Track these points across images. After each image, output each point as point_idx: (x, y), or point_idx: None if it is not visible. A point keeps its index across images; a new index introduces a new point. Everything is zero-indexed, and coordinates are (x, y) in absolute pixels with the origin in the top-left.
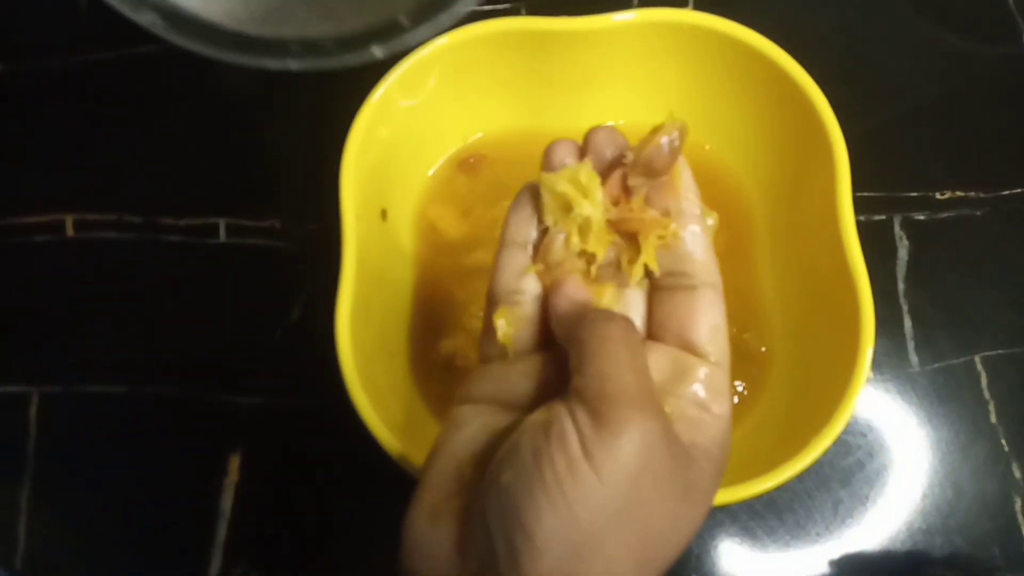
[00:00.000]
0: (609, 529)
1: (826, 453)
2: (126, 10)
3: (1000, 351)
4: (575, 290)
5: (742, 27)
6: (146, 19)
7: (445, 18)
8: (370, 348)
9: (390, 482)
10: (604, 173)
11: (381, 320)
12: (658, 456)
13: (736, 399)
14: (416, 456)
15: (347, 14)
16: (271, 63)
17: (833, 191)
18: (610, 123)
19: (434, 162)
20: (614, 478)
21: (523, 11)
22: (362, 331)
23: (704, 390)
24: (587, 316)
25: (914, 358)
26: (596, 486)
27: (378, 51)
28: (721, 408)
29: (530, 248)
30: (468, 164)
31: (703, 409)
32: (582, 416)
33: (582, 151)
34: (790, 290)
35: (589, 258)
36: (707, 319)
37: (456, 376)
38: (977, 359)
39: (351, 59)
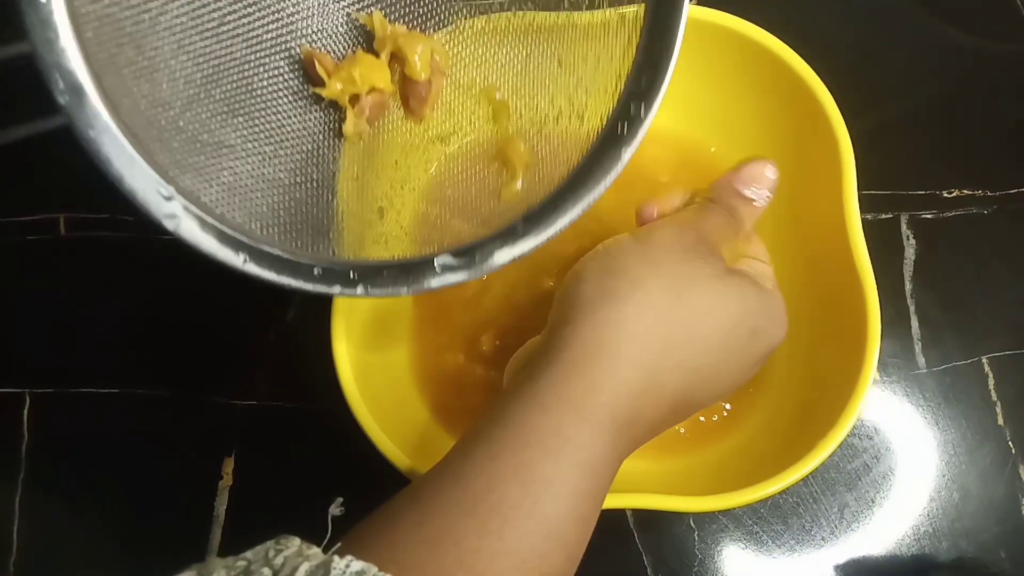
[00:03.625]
0: (638, 264)
1: (832, 456)
2: (154, 208)
3: (1008, 352)
4: None
5: (747, 23)
6: (171, 224)
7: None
8: (366, 349)
9: (387, 484)
10: None
11: (377, 321)
12: (686, 236)
13: (734, 407)
14: (413, 457)
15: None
16: (293, 283)
17: (839, 189)
18: None
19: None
20: (649, 240)
21: None
22: (359, 333)
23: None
24: None
25: (921, 359)
26: (633, 244)
27: (404, 290)
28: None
29: None
30: None
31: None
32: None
33: None
34: (795, 289)
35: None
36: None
37: (455, 374)
38: (985, 360)
39: (376, 292)
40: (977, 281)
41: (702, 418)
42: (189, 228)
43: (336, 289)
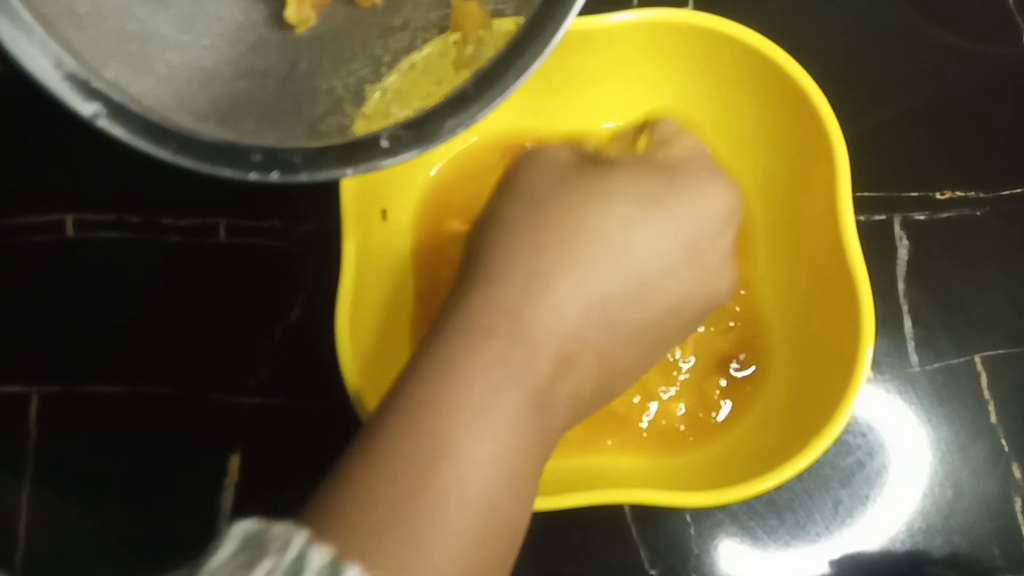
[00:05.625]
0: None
1: (826, 453)
2: (69, 99)
3: (1000, 351)
4: None
5: (742, 27)
6: (89, 110)
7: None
8: (370, 348)
9: None
10: None
11: (382, 320)
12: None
13: (734, 406)
14: None
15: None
16: (229, 172)
17: (833, 191)
18: (610, 125)
19: (435, 163)
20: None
21: None
22: (362, 331)
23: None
24: None
25: (914, 358)
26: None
27: (350, 171)
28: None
29: None
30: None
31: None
32: None
33: None
34: (790, 290)
35: None
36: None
37: None
38: (977, 359)
39: (319, 176)
40: (970, 281)
41: (700, 415)
42: (110, 121)
43: (275, 176)
